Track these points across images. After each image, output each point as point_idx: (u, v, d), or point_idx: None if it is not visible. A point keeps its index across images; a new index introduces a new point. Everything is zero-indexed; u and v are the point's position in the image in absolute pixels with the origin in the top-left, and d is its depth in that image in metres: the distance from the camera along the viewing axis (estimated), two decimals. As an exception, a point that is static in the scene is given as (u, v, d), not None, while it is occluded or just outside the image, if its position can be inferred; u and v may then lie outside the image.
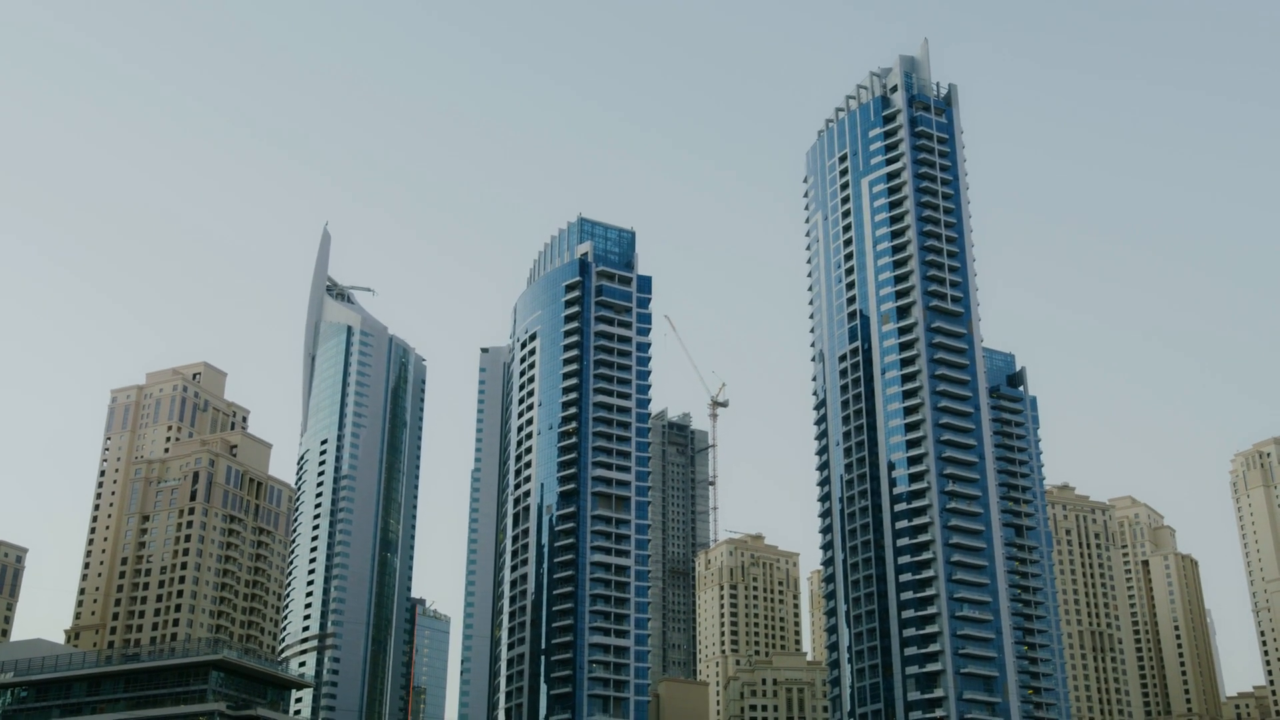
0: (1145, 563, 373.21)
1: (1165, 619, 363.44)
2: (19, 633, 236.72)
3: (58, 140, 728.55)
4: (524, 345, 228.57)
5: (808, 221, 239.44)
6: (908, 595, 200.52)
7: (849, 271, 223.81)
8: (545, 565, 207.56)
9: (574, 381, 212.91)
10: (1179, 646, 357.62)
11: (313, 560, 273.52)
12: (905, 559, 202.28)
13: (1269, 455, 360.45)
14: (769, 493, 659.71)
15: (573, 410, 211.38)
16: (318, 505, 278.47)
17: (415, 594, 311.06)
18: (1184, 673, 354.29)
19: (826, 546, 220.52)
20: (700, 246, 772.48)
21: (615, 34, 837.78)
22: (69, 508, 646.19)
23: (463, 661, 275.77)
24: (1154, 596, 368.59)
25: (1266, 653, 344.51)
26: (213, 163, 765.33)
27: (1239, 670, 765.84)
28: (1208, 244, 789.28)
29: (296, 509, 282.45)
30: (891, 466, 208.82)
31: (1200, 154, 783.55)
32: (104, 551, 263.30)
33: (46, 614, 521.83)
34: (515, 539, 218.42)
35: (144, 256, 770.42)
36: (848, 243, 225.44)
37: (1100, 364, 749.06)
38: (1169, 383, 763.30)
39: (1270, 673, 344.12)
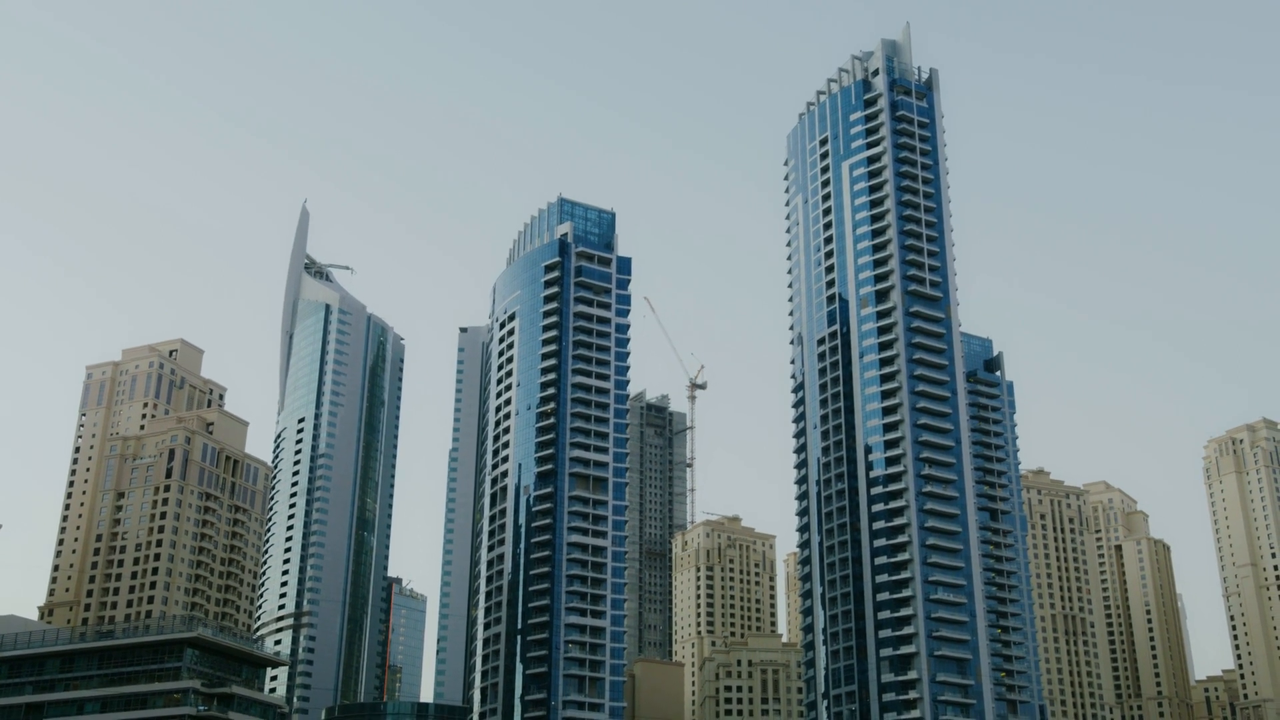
0: (1118, 547, 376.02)
1: (1137, 603, 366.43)
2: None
3: (32, 125, 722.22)
4: (503, 325, 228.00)
5: (788, 204, 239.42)
6: (883, 578, 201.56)
7: (828, 255, 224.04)
8: (522, 545, 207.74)
9: (553, 362, 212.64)
10: (1150, 630, 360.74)
11: (289, 538, 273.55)
12: (881, 542, 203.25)
13: (1241, 441, 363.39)
14: (746, 475, 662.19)
15: (551, 391, 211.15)
16: (294, 483, 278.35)
17: (392, 573, 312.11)
18: (1155, 656, 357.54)
19: (803, 529, 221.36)
20: (680, 228, 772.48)
21: (596, 16, 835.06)
22: (43, 484, 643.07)
23: (439, 640, 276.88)
24: (1126, 581, 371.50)
25: (1236, 637, 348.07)
26: (190, 145, 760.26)
27: (1209, 654, 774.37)
28: (1184, 231, 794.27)
29: (273, 487, 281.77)
30: (868, 450, 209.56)
31: (1178, 143, 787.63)
32: (78, 528, 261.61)
33: (19, 590, 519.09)
34: (492, 519, 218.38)
35: (121, 237, 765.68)
36: (827, 226, 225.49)
37: (1077, 350, 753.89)
38: (1144, 369, 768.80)
39: (1239, 657, 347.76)
